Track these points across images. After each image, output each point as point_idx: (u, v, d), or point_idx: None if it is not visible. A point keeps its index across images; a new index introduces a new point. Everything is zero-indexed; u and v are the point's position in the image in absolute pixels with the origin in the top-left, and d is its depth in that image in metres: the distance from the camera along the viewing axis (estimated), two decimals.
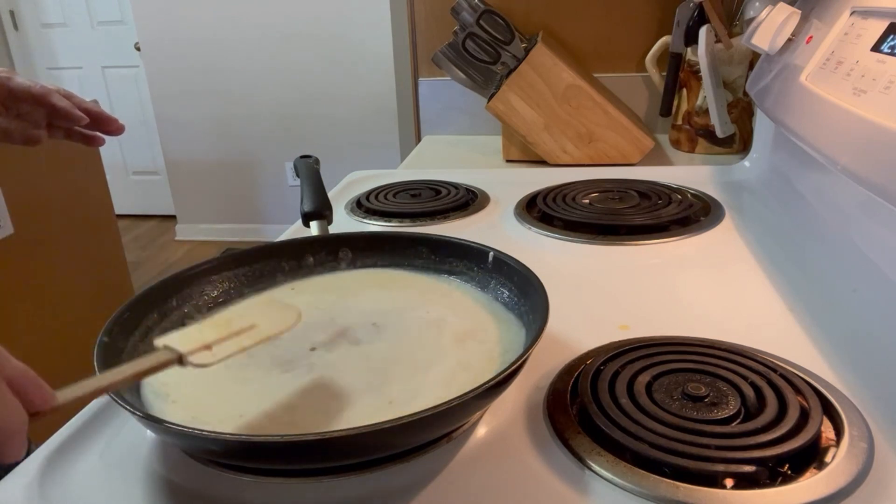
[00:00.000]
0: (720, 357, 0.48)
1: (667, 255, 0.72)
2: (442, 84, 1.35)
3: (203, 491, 0.41)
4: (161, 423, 0.37)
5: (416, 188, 0.95)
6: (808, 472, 0.38)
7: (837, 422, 0.42)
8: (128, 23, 3.52)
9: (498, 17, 1.08)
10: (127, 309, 0.50)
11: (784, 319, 0.57)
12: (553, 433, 0.44)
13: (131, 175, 3.92)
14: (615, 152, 1.09)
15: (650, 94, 1.30)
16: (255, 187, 3.50)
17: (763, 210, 0.84)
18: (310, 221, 0.67)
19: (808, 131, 0.65)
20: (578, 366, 0.50)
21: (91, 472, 0.43)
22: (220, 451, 0.39)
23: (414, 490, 0.40)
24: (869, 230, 0.63)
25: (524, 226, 0.81)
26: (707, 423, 0.41)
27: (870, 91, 0.56)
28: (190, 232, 3.66)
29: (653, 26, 1.26)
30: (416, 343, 0.51)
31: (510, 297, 0.54)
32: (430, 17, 1.35)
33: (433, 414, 0.36)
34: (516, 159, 1.18)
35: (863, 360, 0.50)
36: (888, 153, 0.50)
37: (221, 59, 3.24)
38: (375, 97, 3.12)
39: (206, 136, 3.43)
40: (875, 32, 0.59)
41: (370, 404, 0.44)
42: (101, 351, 0.44)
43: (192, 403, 0.44)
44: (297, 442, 0.36)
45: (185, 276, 0.56)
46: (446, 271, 0.60)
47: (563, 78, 1.06)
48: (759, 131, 0.98)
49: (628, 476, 0.39)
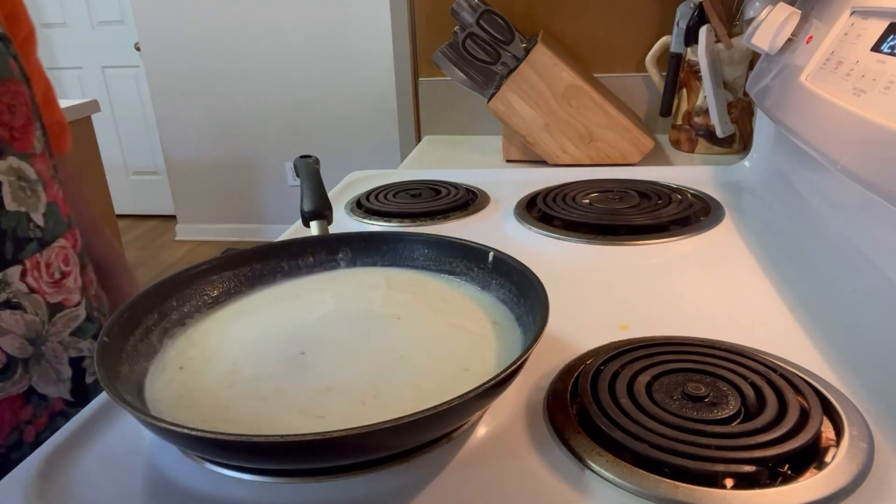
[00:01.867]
0: (720, 357, 0.48)
1: (667, 255, 0.72)
2: (442, 84, 1.35)
3: (203, 491, 0.41)
4: (161, 423, 0.37)
5: (416, 188, 0.95)
6: (808, 472, 0.38)
7: (837, 422, 0.42)
8: (128, 23, 3.52)
9: (498, 17, 1.08)
10: (127, 309, 0.50)
11: (784, 319, 0.57)
12: (553, 433, 0.44)
13: (131, 175, 3.92)
14: (615, 152, 1.09)
15: (650, 94, 1.30)
16: (255, 187, 3.51)
17: (763, 210, 0.84)
18: (310, 221, 0.67)
19: (808, 131, 0.65)
20: (578, 366, 0.50)
21: (91, 472, 0.43)
22: (219, 451, 0.39)
23: (414, 490, 0.40)
24: (869, 230, 0.63)
25: (524, 226, 0.81)
26: (707, 423, 0.41)
27: (870, 91, 0.56)
28: (190, 232, 3.67)
29: (653, 26, 1.26)
30: (415, 343, 0.51)
31: (510, 297, 0.54)
32: (430, 17, 1.35)
33: (433, 414, 0.36)
34: (516, 159, 1.18)
35: (863, 360, 0.50)
36: (888, 153, 0.50)
37: (221, 58, 3.24)
38: (375, 97, 3.12)
39: (206, 136, 3.43)
40: (875, 32, 0.59)
41: (369, 404, 0.44)
42: (101, 351, 0.44)
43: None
44: (297, 442, 0.36)
45: (185, 276, 0.56)
46: (446, 271, 0.60)
47: (563, 78, 1.06)
48: (759, 131, 0.98)
49: (628, 476, 0.39)
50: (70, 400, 0.62)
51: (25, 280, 0.58)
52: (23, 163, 0.59)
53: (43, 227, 0.60)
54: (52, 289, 0.60)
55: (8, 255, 0.56)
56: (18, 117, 0.59)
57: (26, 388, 0.58)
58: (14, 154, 0.58)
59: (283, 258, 0.62)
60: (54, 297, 0.61)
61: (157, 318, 0.52)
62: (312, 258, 0.63)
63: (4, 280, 0.56)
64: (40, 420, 0.60)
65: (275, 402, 0.44)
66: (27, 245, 0.58)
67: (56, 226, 0.62)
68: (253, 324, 0.55)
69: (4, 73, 0.58)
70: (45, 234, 0.60)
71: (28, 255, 0.58)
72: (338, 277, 0.62)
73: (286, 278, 0.62)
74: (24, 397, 0.58)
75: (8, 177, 0.57)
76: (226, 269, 0.59)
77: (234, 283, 0.59)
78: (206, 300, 0.57)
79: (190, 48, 3.25)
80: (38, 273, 0.59)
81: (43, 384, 0.59)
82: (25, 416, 0.58)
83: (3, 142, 0.57)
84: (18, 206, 0.58)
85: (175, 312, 0.54)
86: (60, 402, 0.61)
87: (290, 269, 0.62)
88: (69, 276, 0.63)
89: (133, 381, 0.46)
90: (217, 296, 0.58)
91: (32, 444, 0.58)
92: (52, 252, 0.61)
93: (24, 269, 0.58)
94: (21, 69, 0.61)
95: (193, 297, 0.56)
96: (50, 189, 0.62)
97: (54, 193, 0.63)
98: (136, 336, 0.49)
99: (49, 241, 0.61)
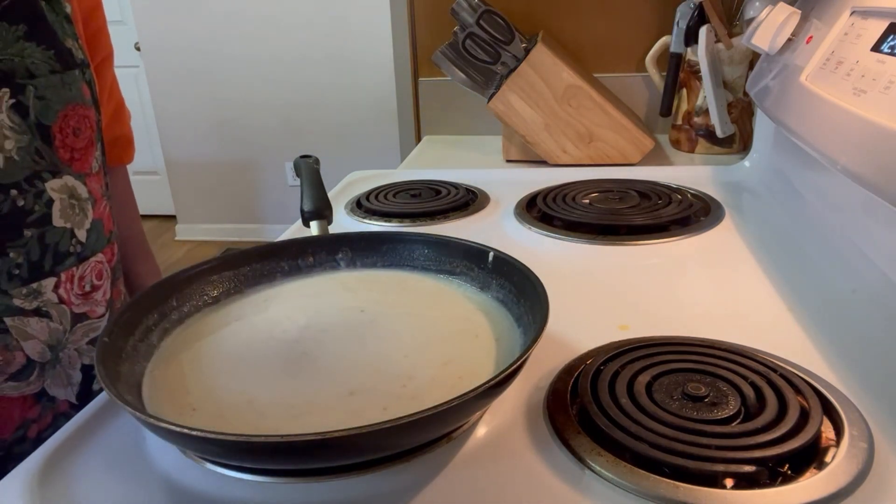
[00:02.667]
0: (720, 357, 0.48)
1: (667, 255, 0.72)
2: (442, 84, 1.35)
3: (203, 491, 0.41)
4: (161, 423, 0.36)
5: (416, 188, 0.95)
6: (808, 472, 0.38)
7: (837, 422, 0.42)
8: (128, 23, 3.52)
9: (498, 17, 1.08)
10: (127, 309, 0.50)
11: (784, 319, 0.57)
12: (553, 433, 0.44)
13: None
14: (615, 152, 1.09)
15: (650, 94, 1.30)
16: (255, 187, 3.51)
17: (763, 210, 0.84)
18: (310, 221, 0.67)
19: (808, 131, 0.65)
20: (578, 366, 0.50)
21: (91, 472, 0.43)
22: (219, 451, 0.39)
23: (414, 490, 0.40)
24: (869, 230, 0.63)
25: (524, 226, 0.81)
26: (707, 423, 0.41)
27: (870, 91, 0.56)
28: (190, 232, 3.67)
29: (653, 26, 1.26)
30: (416, 343, 0.51)
31: (510, 297, 0.54)
32: (430, 17, 1.35)
33: (433, 414, 0.36)
34: (516, 159, 1.18)
35: (863, 360, 0.50)
36: (888, 153, 0.50)
37: (221, 58, 3.24)
38: (375, 97, 3.12)
39: (206, 136, 3.43)
40: (875, 32, 0.59)
41: (368, 405, 0.44)
42: (102, 351, 0.44)
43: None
44: (297, 442, 0.36)
45: (185, 276, 0.56)
46: (446, 271, 0.60)
47: (563, 78, 1.06)
48: (759, 131, 0.98)
49: (628, 476, 0.39)
50: (75, 403, 0.62)
51: (57, 291, 0.59)
52: (77, 182, 0.60)
53: (84, 242, 0.61)
54: (79, 300, 0.61)
55: (46, 268, 0.57)
56: (81, 140, 0.60)
57: (39, 390, 0.59)
58: (71, 174, 0.59)
59: (283, 258, 0.62)
60: (80, 308, 0.61)
61: (157, 318, 0.52)
62: (312, 258, 0.63)
63: (38, 290, 0.57)
64: (45, 419, 0.60)
65: (275, 403, 0.44)
66: (66, 259, 0.59)
67: (97, 242, 0.63)
68: (252, 325, 0.55)
69: (77, 98, 0.60)
70: (84, 249, 0.61)
71: (65, 269, 0.59)
72: (338, 277, 0.62)
73: (286, 278, 0.62)
74: (35, 397, 0.59)
75: (61, 195, 0.58)
76: (226, 269, 0.59)
77: (234, 283, 0.59)
78: (206, 300, 0.57)
79: (190, 48, 3.25)
80: (70, 285, 0.60)
81: (54, 387, 0.60)
82: (33, 415, 0.59)
83: (63, 162, 0.58)
84: (65, 222, 0.59)
85: (175, 312, 0.54)
86: (66, 405, 0.62)
87: (290, 269, 0.62)
88: (99, 289, 0.64)
89: (133, 381, 0.46)
90: (217, 296, 0.58)
91: (35, 441, 0.59)
92: (88, 266, 0.62)
93: (59, 282, 0.59)
94: (93, 94, 0.63)
95: (193, 297, 0.56)
96: (98, 206, 0.63)
97: (101, 210, 0.64)
98: (136, 336, 0.49)
99: (88, 256, 0.62)
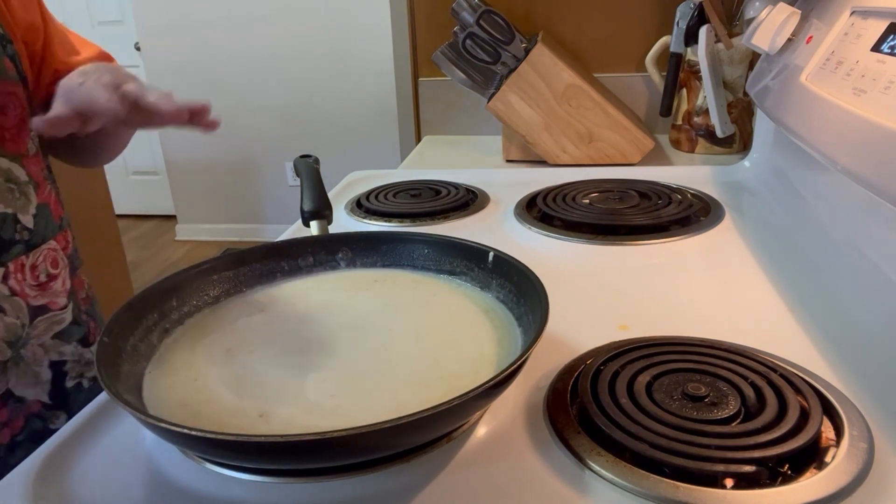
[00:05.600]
0: (720, 357, 0.48)
1: (667, 255, 0.72)
2: (442, 84, 1.35)
3: (203, 491, 0.41)
4: (161, 423, 0.36)
5: (416, 188, 0.95)
6: (808, 472, 0.38)
7: (837, 422, 0.42)
8: (128, 23, 3.52)
9: (498, 17, 1.08)
10: (127, 309, 0.50)
11: (784, 319, 0.57)
12: (553, 433, 0.44)
13: (131, 175, 3.92)
14: (615, 152, 1.09)
15: (650, 94, 1.30)
16: (255, 187, 3.50)
17: (763, 210, 0.84)
18: (310, 221, 0.67)
19: (808, 131, 0.65)
20: (578, 366, 0.50)
21: (91, 471, 0.43)
22: (219, 451, 0.39)
23: (414, 490, 0.40)
24: (869, 230, 0.63)
25: (524, 226, 0.81)
26: (707, 423, 0.41)
27: (870, 91, 0.56)
28: (190, 232, 3.66)
29: (653, 26, 1.26)
30: (415, 343, 0.51)
31: (510, 297, 0.54)
32: (430, 17, 1.35)
33: (433, 414, 0.36)
34: (516, 159, 1.18)
35: (863, 360, 0.50)
36: (888, 153, 0.50)
37: (221, 58, 3.24)
38: (375, 97, 3.12)
39: (206, 136, 3.42)
40: (875, 32, 0.59)
41: (367, 406, 0.44)
42: (102, 351, 0.44)
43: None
44: (297, 442, 0.36)
45: (185, 276, 0.56)
46: (446, 271, 0.60)
47: (563, 78, 1.06)
48: (759, 131, 0.98)
49: (628, 476, 0.39)
50: (48, 403, 0.61)
51: (7, 283, 0.57)
52: (13, 164, 0.58)
53: (32, 229, 0.59)
54: (35, 291, 0.60)
55: None
56: (11, 118, 0.58)
57: (3, 391, 0.58)
58: (4, 155, 0.57)
59: (283, 258, 0.62)
60: (38, 300, 0.60)
61: (156, 318, 0.52)
62: (312, 258, 0.63)
63: None
64: (16, 422, 0.59)
65: (275, 403, 0.44)
66: (12, 247, 0.58)
67: (47, 228, 0.61)
68: (252, 325, 0.55)
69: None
70: (33, 236, 0.60)
71: (12, 258, 0.57)
72: (338, 277, 0.62)
73: (286, 278, 0.62)
74: (1, 400, 0.58)
75: None
76: (226, 269, 0.59)
77: (234, 283, 0.59)
78: (206, 300, 0.57)
79: (190, 48, 3.25)
80: (22, 276, 0.58)
81: (21, 387, 0.59)
82: (2, 419, 0.58)
83: None
84: (5, 207, 0.57)
85: (175, 312, 0.54)
86: (38, 405, 0.60)
87: (290, 269, 0.62)
88: (56, 278, 0.62)
89: (133, 381, 0.46)
90: (217, 296, 0.58)
91: (7, 446, 0.58)
92: (39, 254, 0.60)
93: (7, 272, 0.57)
94: (18, 69, 0.60)
95: (193, 297, 0.56)
96: (42, 190, 0.61)
97: (46, 195, 0.62)
98: (136, 336, 0.49)
99: (38, 243, 0.60)
